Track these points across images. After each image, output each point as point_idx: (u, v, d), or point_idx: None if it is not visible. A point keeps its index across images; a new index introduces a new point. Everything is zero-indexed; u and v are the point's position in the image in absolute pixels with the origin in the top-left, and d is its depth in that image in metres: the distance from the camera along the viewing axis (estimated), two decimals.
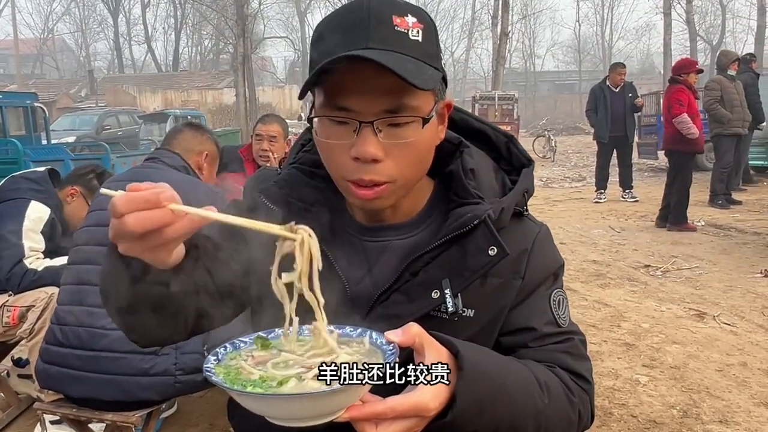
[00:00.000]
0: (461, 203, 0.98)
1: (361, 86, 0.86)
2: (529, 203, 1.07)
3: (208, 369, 0.76)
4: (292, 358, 0.78)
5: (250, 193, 1.09)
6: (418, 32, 0.88)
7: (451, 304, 0.93)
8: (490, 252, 0.94)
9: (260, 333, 0.85)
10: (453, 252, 0.95)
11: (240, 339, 0.85)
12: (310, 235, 0.79)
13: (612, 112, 9.15)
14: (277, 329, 0.85)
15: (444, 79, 0.95)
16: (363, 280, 0.99)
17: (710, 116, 8.22)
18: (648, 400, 3.07)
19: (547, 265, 1.03)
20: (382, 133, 0.88)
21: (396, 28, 0.87)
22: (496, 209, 0.96)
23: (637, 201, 9.53)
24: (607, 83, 9.29)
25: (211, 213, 0.75)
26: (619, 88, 9.18)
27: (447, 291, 0.94)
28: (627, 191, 9.75)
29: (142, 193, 0.72)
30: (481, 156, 1.06)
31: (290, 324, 0.81)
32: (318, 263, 0.79)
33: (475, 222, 0.94)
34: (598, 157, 9.70)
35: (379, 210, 0.98)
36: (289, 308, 0.80)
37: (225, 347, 0.82)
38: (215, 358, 0.79)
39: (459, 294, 0.94)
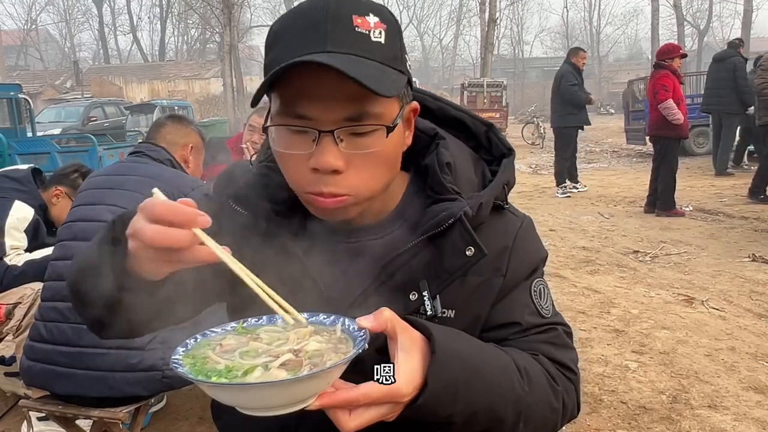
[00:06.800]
0: (437, 199, 0.94)
1: (319, 93, 0.80)
2: (518, 191, 1.02)
3: (176, 360, 0.75)
4: (260, 346, 0.77)
5: (218, 193, 1.03)
6: (380, 33, 0.83)
7: (429, 306, 0.91)
8: (467, 252, 0.90)
9: (236, 322, 0.84)
10: (429, 252, 0.92)
11: (212, 329, 0.83)
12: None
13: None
14: (250, 318, 0.85)
15: (409, 82, 0.90)
16: (337, 283, 0.93)
17: (761, 101, 7.17)
18: (637, 386, 3.09)
19: (529, 261, 1.00)
20: (344, 143, 0.83)
21: (356, 29, 0.81)
22: (474, 205, 0.92)
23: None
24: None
25: (227, 256, 0.74)
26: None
27: (425, 293, 0.91)
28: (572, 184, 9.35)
29: (181, 207, 0.70)
30: (459, 147, 1.01)
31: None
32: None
33: (450, 221, 0.90)
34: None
35: (344, 220, 0.92)
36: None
37: (195, 338, 0.81)
38: (184, 348, 0.78)
39: (438, 296, 0.91)
